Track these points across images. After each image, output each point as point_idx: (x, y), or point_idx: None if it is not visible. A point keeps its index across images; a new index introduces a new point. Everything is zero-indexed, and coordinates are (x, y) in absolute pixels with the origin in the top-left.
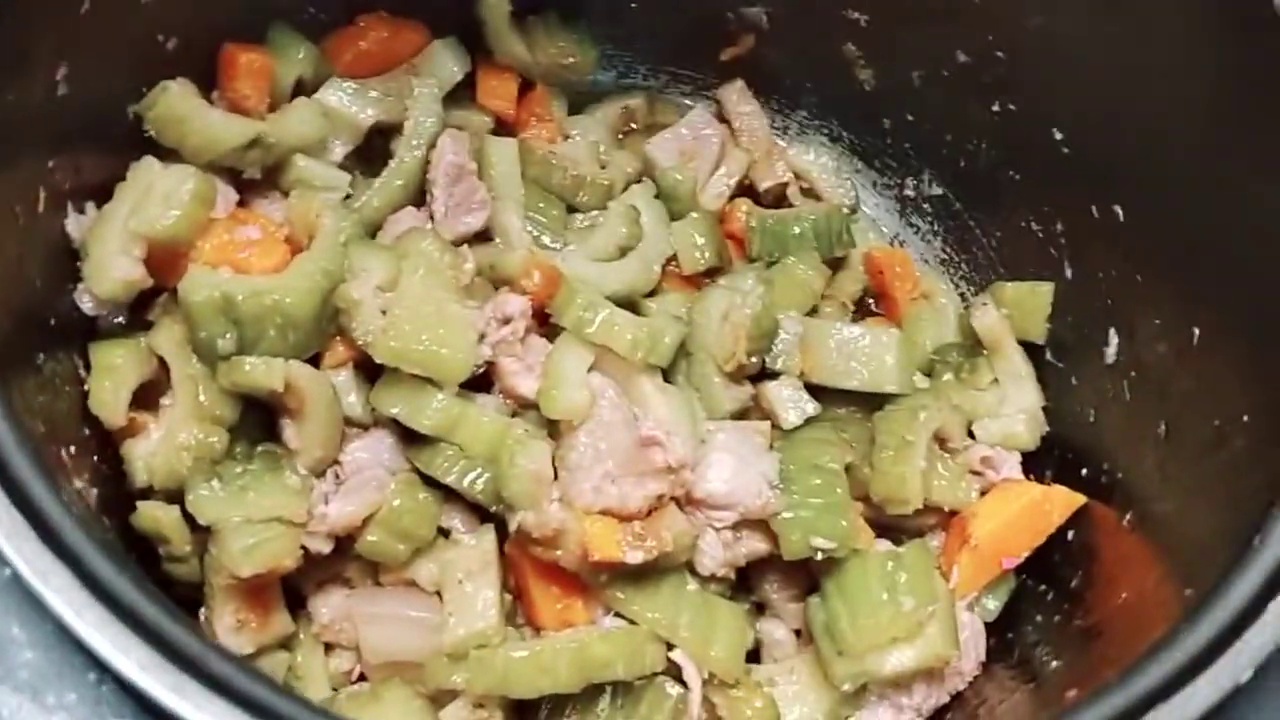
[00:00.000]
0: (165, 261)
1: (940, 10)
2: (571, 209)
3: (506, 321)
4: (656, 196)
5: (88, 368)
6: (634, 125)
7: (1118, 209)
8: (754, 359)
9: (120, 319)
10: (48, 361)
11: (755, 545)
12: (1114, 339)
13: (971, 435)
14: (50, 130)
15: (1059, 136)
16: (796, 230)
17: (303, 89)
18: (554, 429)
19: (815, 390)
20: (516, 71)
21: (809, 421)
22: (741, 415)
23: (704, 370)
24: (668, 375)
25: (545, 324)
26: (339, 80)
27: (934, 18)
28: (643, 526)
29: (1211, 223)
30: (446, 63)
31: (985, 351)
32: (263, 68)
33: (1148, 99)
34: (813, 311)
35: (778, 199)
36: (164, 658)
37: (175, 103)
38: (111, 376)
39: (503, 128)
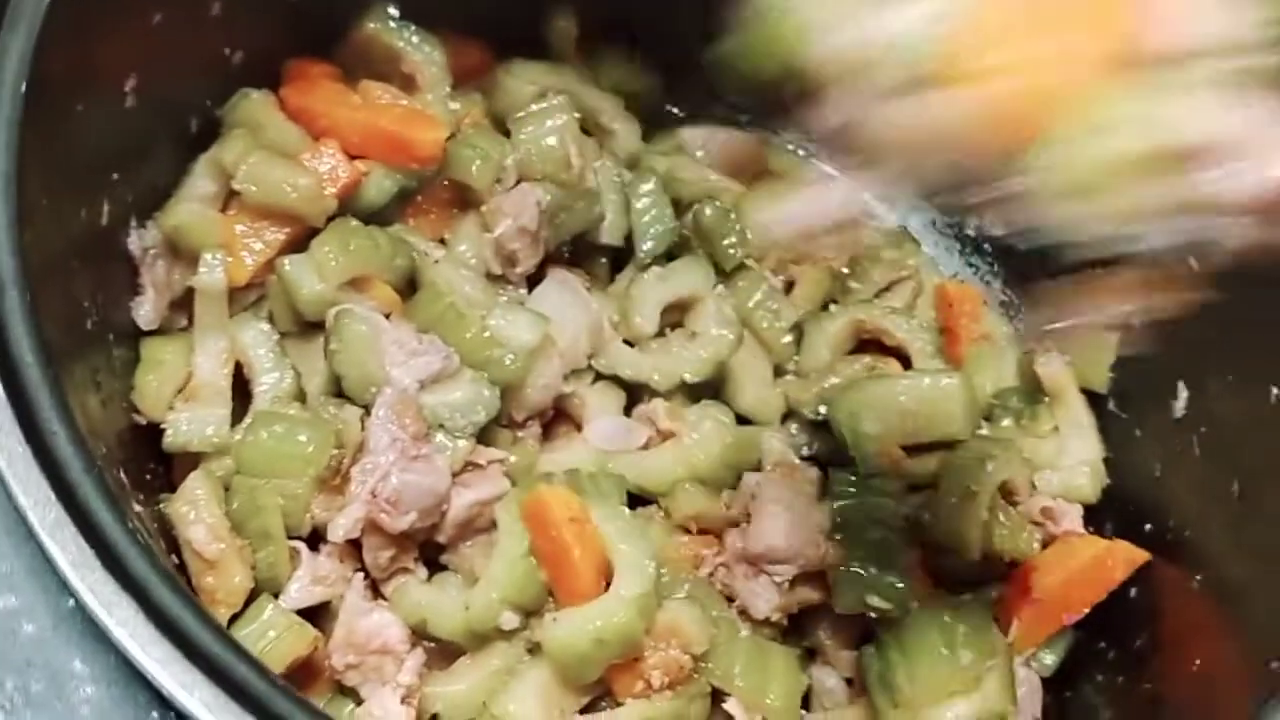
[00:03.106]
0: None
1: None
2: None
3: None
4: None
5: None
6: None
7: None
8: None
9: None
10: (105, 380)
11: (808, 594)
12: (1183, 393)
13: (1031, 485)
14: (117, 142)
15: None
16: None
17: None
18: None
19: None
20: None
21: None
22: None
23: None
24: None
25: None
26: None
27: None
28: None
29: None
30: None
31: (1046, 399)
32: None
33: None
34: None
35: None
36: (229, 697)
37: (255, 109)
38: (158, 371)
39: None
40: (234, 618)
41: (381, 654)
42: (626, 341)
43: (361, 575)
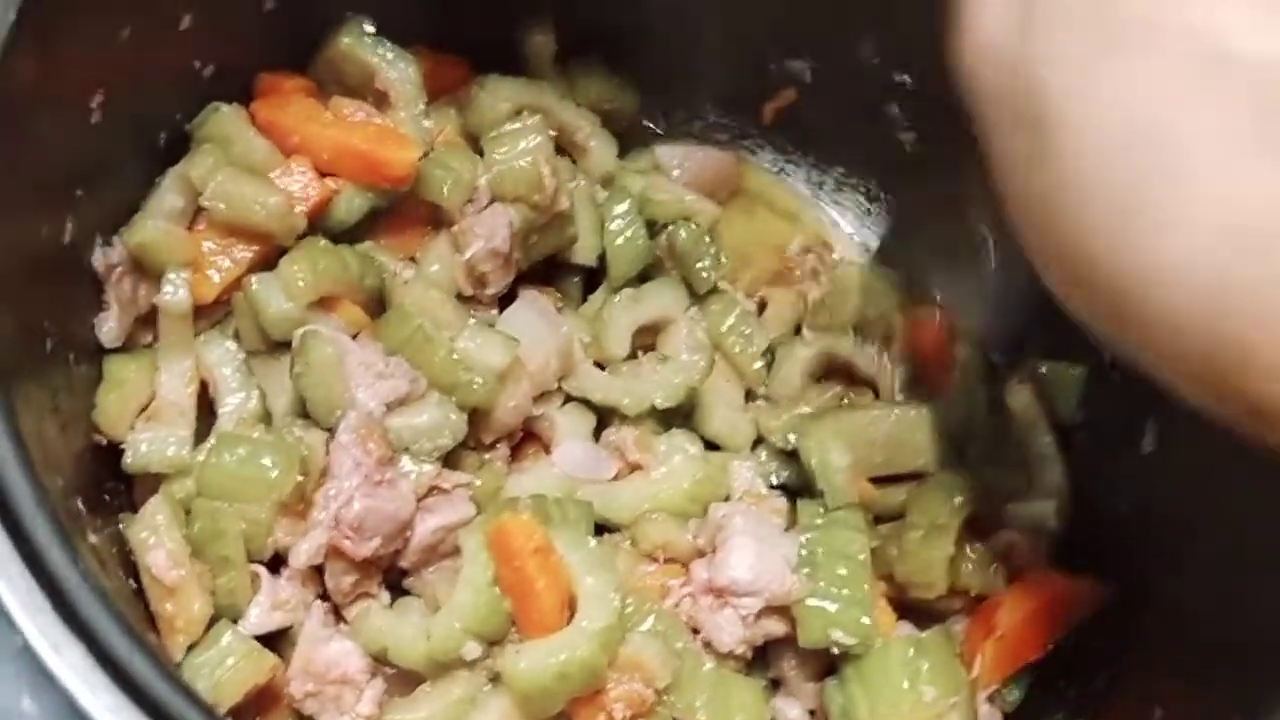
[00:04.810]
0: None
1: None
2: None
3: None
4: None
5: None
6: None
7: None
8: None
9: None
10: (65, 400)
11: (772, 627)
12: (1151, 429)
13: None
14: (82, 158)
15: None
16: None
17: None
18: None
19: None
20: None
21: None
22: None
23: None
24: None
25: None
26: None
27: None
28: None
29: None
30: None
31: (1016, 430)
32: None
33: None
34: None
35: None
36: None
37: (225, 123)
38: (120, 390)
39: None
40: (192, 644)
41: (341, 684)
42: (598, 364)
43: (321, 601)
